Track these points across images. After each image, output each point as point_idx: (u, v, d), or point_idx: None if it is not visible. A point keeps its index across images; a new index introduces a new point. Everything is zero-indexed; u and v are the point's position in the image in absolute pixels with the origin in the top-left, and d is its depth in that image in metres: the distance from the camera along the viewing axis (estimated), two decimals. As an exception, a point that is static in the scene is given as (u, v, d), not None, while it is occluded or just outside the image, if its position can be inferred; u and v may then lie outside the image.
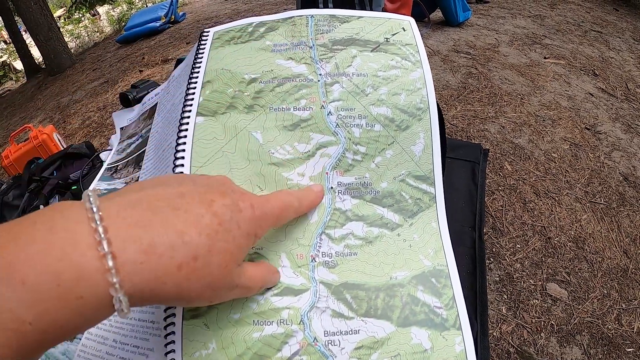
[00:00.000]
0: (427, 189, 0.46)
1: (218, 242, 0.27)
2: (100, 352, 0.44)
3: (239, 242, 0.29)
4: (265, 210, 0.33)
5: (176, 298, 0.26)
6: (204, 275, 0.27)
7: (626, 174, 2.17)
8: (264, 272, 0.37)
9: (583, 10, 4.50)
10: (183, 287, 0.26)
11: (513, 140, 2.43)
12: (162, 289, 0.25)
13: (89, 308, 0.23)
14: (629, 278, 1.67)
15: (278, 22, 0.54)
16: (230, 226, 0.29)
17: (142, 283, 0.24)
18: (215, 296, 0.30)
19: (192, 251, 0.26)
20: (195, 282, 0.26)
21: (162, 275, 0.24)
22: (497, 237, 1.83)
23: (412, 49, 0.52)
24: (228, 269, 0.29)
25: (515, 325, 1.51)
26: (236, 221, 0.29)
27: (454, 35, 3.90)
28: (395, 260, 0.42)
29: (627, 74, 3.14)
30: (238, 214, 0.30)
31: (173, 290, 0.25)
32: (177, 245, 0.25)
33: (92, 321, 0.24)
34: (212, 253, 0.27)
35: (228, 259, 0.28)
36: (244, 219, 0.30)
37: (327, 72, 0.50)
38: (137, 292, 0.24)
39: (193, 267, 0.26)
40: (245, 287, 0.33)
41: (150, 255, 0.24)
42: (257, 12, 6.07)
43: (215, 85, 0.49)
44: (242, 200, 0.31)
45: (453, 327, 0.39)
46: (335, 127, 0.46)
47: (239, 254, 0.30)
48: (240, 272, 0.31)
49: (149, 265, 0.24)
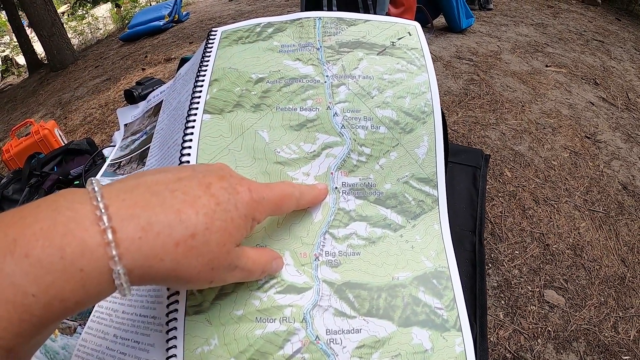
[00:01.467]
0: (430, 191, 0.46)
1: (216, 221, 0.28)
2: (100, 347, 0.44)
3: (237, 223, 0.30)
4: (264, 195, 0.33)
5: (175, 276, 0.27)
6: (202, 252, 0.27)
7: (625, 183, 2.18)
8: (265, 256, 0.36)
9: (585, 19, 4.52)
10: (181, 264, 0.26)
11: (513, 147, 2.43)
12: (160, 265, 0.25)
13: (91, 281, 0.23)
14: (626, 286, 1.67)
15: (286, 23, 0.54)
16: (227, 207, 0.29)
17: (141, 258, 0.24)
18: (215, 276, 0.30)
19: (190, 229, 0.26)
20: (193, 259, 0.27)
21: (160, 252, 0.25)
22: (495, 243, 1.84)
23: (417, 53, 0.52)
24: (226, 247, 0.29)
25: (513, 331, 1.51)
26: (234, 203, 0.30)
27: (457, 42, 3.91)
28: (397, 261, 0.42)
29: (628, 84, 3.15)
30: (235, 195, 0.30)
31: (171, 266, 0.26)
32: (175, 224, 0.26)
33: (94, 296, 0.24)
34: (211, 231, 0.27)
35: (226, 238, 0.29)
36: (242, 201, 0.30)
37: (333, 73, 0.50)
38: (136, 267, 0.24)
39: (191, 245, 0.26)
40: (246, 270, 0.33)
41: (148, 232, 0.25)
42: (260, 13, 6.08)
43: (222, 83, 0.49)
44: (240, 184, 0.32)
45: (453, 328, 0.40)
46: (341, 128, 0.47)
47: (237, 235, 0.30)
48: (240, 253, 0.32)
49: (147, 241, 0.24)
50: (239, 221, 0.30)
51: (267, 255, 0.37)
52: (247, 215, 0.31)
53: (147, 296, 0.43)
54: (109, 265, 0.23)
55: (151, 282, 0.27)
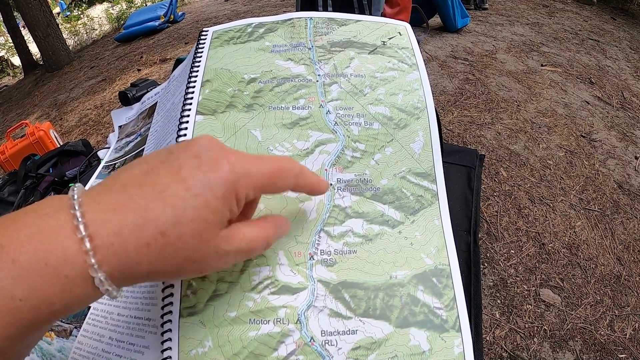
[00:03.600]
0: (429, 186, 0.46)
1: (187, 211, 0.25)
2: (96, 349, 0.43)
3: (213, 206, 0.26)
4: (249, 168, 0.29)
5: (156, 275, 0.26)
6: (177, 248, 0.25)
7: (620, 182, 2.19)
8: (266, 231, 0.32)
9: (581, 18, 4.53)
10: (158, 265, 0.25)
11: (509, 146, 2.44)
12: (138, 268, 0.25)
13: (77, 287, 0.23)
14: (622, 285, 1.68)
15: (277, 23, 0.55)
16: (200, 190, 0.26)
17: (119, 264, 0.24)
18: (203, 267, 0.28)
19: (159, 227, 0.25)
20: (170, 257, 0.25)
21: (134, 255, 0.24)
22: (491, 243, 1.84)
23: (408, 52, 0.53)
24: (206, 236, 0.26)
25: (509, 330, 1.52)
26: (207, 183, 0.26)
27: (452, 41, 3.92)
28: (395, 259, 0.42)
29: (623, 83, 3.16)
30: (212, 174, 0.27)
31: (148, 268, 0.25)
32: (142, 224, 0.24)
33: (83, 300, 0.24)
34: (182, 224, 0.25)
35: (202, 227, 0.26)
36: (219, 179, 0.27)
37: (325, 72, 0.50)
38: (116, 272, 0.24)
39: (163, 243, 0.25)
40: (242, 251, 0.30)
41: (120, 237, 0.24)
42: (256, 13, 6.07)
43: (214, 84, 0.49)
44: (221, 156, 0.28)
45: (452, 328, 0.39)
46: (334, 125, 0.47)
47: (216, 219, 0.27)
48: (231, 236, 0.29)
49: (120, 247, 0.24)
50: (215, 204, 0.26)
51: (268, 227, 0.33)
52: (227, 195, 0.27)
53: (142, 298, 0.43)
54: (90, 273, 0.23)
55: (138, 282, 0.27)
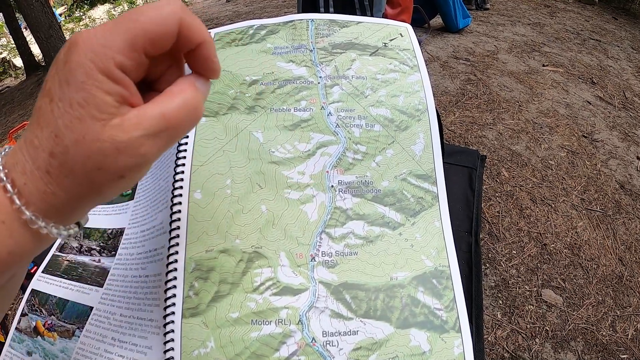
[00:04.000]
0: (429, 188, 0.46)
1: (57, 122, 0.23)
2: (98, 349, 0.44)
3: (80, 100, 0.23)
4: (105, 36, 0.23)
5: (80, 198, 0.24)
6: (72, 163, 0.23)
7: (622, 182, 2.18)
8: (181, 95, 0.26)
9: (582, 18, 4.52)
10: (70, 187, 0.24)
11: (510, 147, 2.43)
12: (56, 198, 0.24)
13: (16, 231, 0.23)
14: (624, 285, 1.67)
15: (279, 25, 0.55)
16: (59, 93, 0.23)
17: (41, 200, 0.24)
18: (116, 170, 0.24)
19: (46, 150, 0.23)
20: (73, 175, 0.23)
21: (45, 187, 0.23)
22: (493, 243, 1.84)
23: (409, 54, 0.53)
24: (90, 137, 0.23)
25: (510, 330, 1.51)
26: (64, 81, 0.23)
27: (454, 42, 3.91)
28: (396, 260, 0.42)
29: (625, 83, 3.15)
30: (63, 68, 0.23)
31: (65, 194, 0.24)
32: (34, 155, 0.23)
33: (26, 245, 0.24)
34: (60, 137, 0.23)
35: (80, 128, 0.23)
36: (72, 70, 0.23)
37: (327, 74, 0.50)
38: (43, 208, 0.24)
39: (57, 164, 0.23)
40: (158, 132, 0.25)
41: (26, 175, 0.23)
42: (258, 14, 6.07)
43: (216, 86, 0.50)
44: (73, 44, 0.24)
45: (452, 329, 0.40)
46: (336, 127, 0.47)
47: (91, 112, 0.23)
48: (123, 124, 0.24)
49: (31, 184, 0.23)
50: (81, 96, 0.23)
51: (183, 91, 0.26)
52: (89, 80, 0.23)
53: (145, 299, 0.43)
54: (24, 216, 0.23)
55: (73, 213, 0.25)
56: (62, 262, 0.55)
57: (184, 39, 0.26)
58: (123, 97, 0.24)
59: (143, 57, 0.25)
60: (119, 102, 0.24)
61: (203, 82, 0.28)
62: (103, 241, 0.53)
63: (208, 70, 0.28)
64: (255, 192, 0.44)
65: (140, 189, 0.54)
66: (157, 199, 0.48)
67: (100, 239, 0.54)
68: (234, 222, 0.43)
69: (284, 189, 0.45)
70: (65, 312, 0.49)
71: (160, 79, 0.28)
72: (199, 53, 0.27)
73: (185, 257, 0.41)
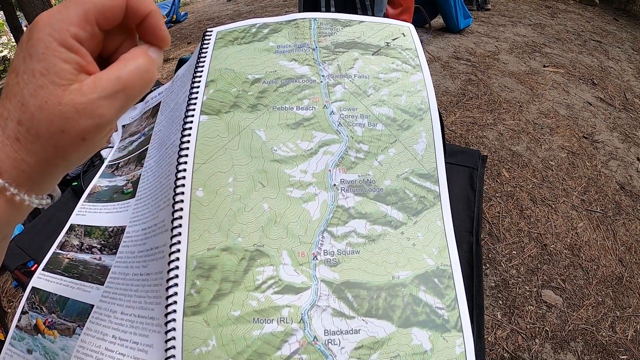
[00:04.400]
0: (432, 187, 0.46)
1: (22, 91, 0.25)
2: (99, 347, 0.44)
3: (41, 69, 0.25)
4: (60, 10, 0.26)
5: (50, 164, 0.26)
6: (37, 127, 0.25)
7: (622, 183, 2.18)
8: (133, 60, 0.29)
9: (583, 19, 4.52)
10: (38, 152, 0.25)
11: (511, 147, 2.43)
12: (27, 164, 0.25)
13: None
14: (624, 286, 1.67)
15: (281, 24, 0.55)
16: (22, 66, 0.25)
17: (13, 168, 0.25)
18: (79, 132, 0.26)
19: (14, 119, 0.25)
20: (39, 139, 0.25)
21: (15, 154, 0.25)
22: (493, 243, 1.84)
23: (411, 54, 0.53)
24: (51, 102, 0.25)
25: (510, 330, 1.51)
26: (27, 54, 0.25)
27: (455, 42, 3.91)
28: (398, 259, 0.42)
29: (625, 84, 3.15)
30: (25, 44, 0.26)
31: (34, 159, 0.26)
32: (4, 125, 0.25)
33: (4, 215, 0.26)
34: (25, 105, 0.25)
35: (42, 95, 0.25)
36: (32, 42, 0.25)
37: (329, 73, 0.50)
38: (15, 176, 0.25)
39: (24, 130, 0.25)
40: (114, 92, 0.27)
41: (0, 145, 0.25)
42: (259, 13, 6.07)
43: (219, 84, 0.50)
44: (34, 23, 0.26)
45: (454, 328, 0.40)
46: (338, 126, 0.47)
47: (53, 79, 0.25)
48: (82, 88, 0.26)
49: (3, 153, 0.25)
50: (42, 65, 0.25)
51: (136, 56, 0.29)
52: (48, 50, 0.25)
53: (146, 297, 0.43)
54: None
55: (43, 180, 0.27)
56: (62, 260, 0.55)
57: (132, 10, 0.28)
58: (80, 65, 0.26)
59: (96, 28, 0.27)
60: (77, 70, 0.26)
61: (155, 51, 0.30)
62: (104, 239, 0.53)
63: (157, 38, 0.30)
64: (258, 190, 0.44)
65: (141, 187, 0.54)
66: (159, 197, 0.48)
67: (101, 237, 0.54)
68: (236, 220, 0.43)
69: (286, 187, 0.44)
70: (65, 310, 0.49)
71: (116, 53, 0.31)
72: (147, 23, 0.30)
73: (187, 255, 0.41)
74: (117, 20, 0.28)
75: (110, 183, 0.61)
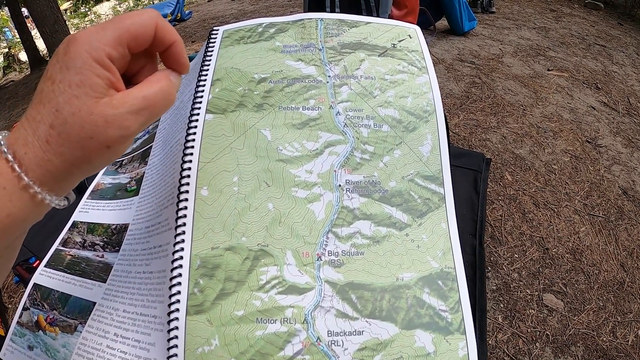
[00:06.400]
0: (436, 189, 0.46)
1: (58, 99, 0.28)
2: (100, 345, 0.44)
3: (77, 82, 0.28)
4: (98, 31, 0.29)
5: (74, 167, 0.29)
6: (68, 133, 0.27)
7: (625, 188, 2.18)
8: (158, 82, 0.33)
9: (588, 23, 4.51)
10: (65, 153, 0.28)
11: (514, 150, 2.43)
12: (52, 165, 0.28)
13: (15, 196, 0.27)
14: (625, 291, 1.67)
15: (288, 24, 0.55)
16: (60, 77, 0.28)
17: (38, 167, 0.27)
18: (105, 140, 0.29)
19: (47, 123, 0.27)
20: (68, 143, 0.28)
21: (43, 155, 0.27)
22: (495, 247, 1.84)
23: (418, 56, 0.53)
24: (85, 110, 0.28)
25: (511, 334, 1.51)
26: (65, 67, 0.28)
27: (459, 44, 3.91)
28: (402, 261, 0.42)
29: (629, 89, 3.15)
30: (64, 57, 0.28)
31: (61, 161, 0.28)
32: (36, 127, 0.28)
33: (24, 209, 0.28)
34: (59, 111, 0.27)
35: (77, 104, 0.28)
36: (71, 57, 0.28)
37: (335, 74, 0.50)
38: (40, 175, 0.28)
39: (55, 134, 0.27)
40: (140, 109, 0.30)
41: (27, 145, 0.27)
42: (263, 13, 6.08)
43: (224, 83, 0.49)
44: (72, 39, 0.29)
45: (457, 331, 0.40)
46: (344, 127, 0.47)
47: (87, 91, 0.28)
48: (112, 102, 0.29)
49: (32, 153, 0.27)
50: (78, 79, 0.28)
51: (160, 79, 0.33)
52: (85, 65, 0.28)
53: (149, 295, 0.43)
54: (22, 182, 0.27)
55: (64, 180, 0.29)
56: (65, 256, 0.55)
57: (159, 39, 0.33)
58: (111, 82, 0.29)
59: (126, 50, 0.31)
60: (108, 86, 0.29)
61: (175, 76, 0.35)
62: (107, 236, 0.53)
63: (179, 65, 0.35)
64: (263, 189, 0.44)
65: (145, 185, 0.54)
66: (163, 195, 0.48)
67: (104, 235, 0.54)
68: (240, 220, 0.43)
69: (291, 187, 0.44)
70: (67, 307, 0.49)
71: (138, 74, 0.35)
72: (171, 51, 0.34)
73: (190, 254, 0.41)
74: (145, 45, 0.32)
75: (113, 180, 0.61)
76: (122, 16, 0.31)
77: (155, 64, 0.36)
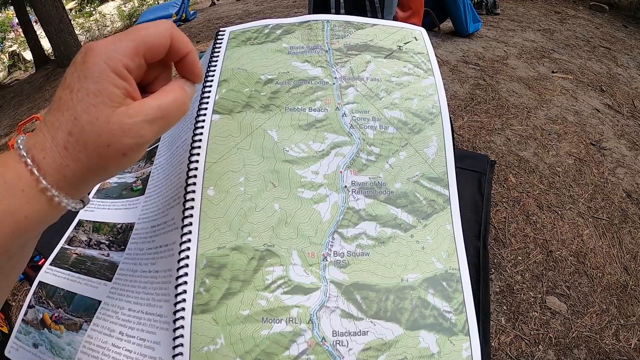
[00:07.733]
0: (442, 191, 0.46)
1: (76, 107, 0.28)
2: (106, 343, 0.44)
3: (95, 91, 0.29)
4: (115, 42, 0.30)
5: (91, 173, 0.30)
6: (86, 140, 0.28)
7: (629, 191, 2.17)
8: (172, 92, 0.33)
9: (592, 26, 4.50)
10: (82, 160, 0.29)
11: (518, 152, 2.43)
12: (70, 170, 0.29)
13: (34, 198, 0.28)
14: (629, 294, 1.67)
15: (294, 25, 0.55)
16: (78, 85, 0.29)
17: (56, 172, 0.28)
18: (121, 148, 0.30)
19: (65, 130, 0.28)
20: (85, 150, 0.29)
21: (61, 160, 0.28)
22: (499, 249, 1.83)
23: (423, 58, 0.53)
24: (102, 119, 0.29)
25: (514, 336, 1.51)
26: (83, 76, 0.29)
27: (463, 46, 3.91)
28: (407, 262, 0.42)
29: (634, 91, 3.14)
30: (82, 67, 0.29)
31: (78, 166, 0.29)
32: (54, 134, 0.29)
33: (41, 211, 0.29)
34: (77, 119, 0.28)
35: (94, 112, 0.28)
36: (89, 66, 0.29)
37: (342, 75, 0.51)
38: (58, 180, 0.29)
39: (73, 141, 0.28)
40: (155, 119, 0.31)
41: (45, 150, 0.28)
42: (268, 14, 6.09)
43: (231, 84, 0.50)
44: (89, 49, 0.30)
45: (461, 332, 0.40)
46: (350, 128, 0.47)
47: (104, 100, 0.29)
48: (129, 111, 0.30)
49: (50, 158, 0.28)
50: (96, 88, 0.29)
51: (174, 89, 0.34)
52: (103, 75, 0.29)
53: (154, 294, 0.43)
54: (40, 185, 0.28)
55: (81, 185, 0.30)
56: (70, 255, 0.55)
57: (174, 49, 0.34)
58: (127, 91, 0.30)
59: (143, 61, 0.31)
60: (124, 95, 0.30)
61: (189, 85, 0.36)
62: (112, 235, 0.53)
63: (193, 74, 0.36)
64: (269, 190, 0.44)
65: (151, 184, 0.54)
66: (169, 194, 0.48)
67: (109, 234, 0.54)
68: (246, 220, 0.43)
69: (297, 187, 0.45)
70: (72, 305, 0.49)
71: (153, 83, 0.36)
72: (186, 60, 0.35)
73: (196, 254, 0.41)
74: (161, 56, 0.33)
75: (119, 180, 0.61)
76: (138, 27, 0.32)
77: (169, 73, 0.37)
